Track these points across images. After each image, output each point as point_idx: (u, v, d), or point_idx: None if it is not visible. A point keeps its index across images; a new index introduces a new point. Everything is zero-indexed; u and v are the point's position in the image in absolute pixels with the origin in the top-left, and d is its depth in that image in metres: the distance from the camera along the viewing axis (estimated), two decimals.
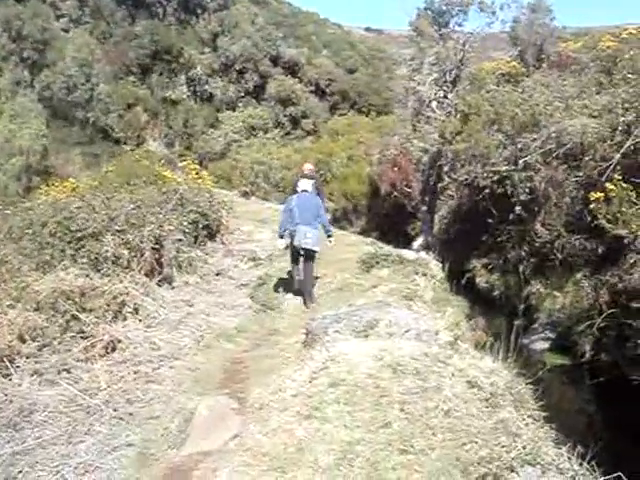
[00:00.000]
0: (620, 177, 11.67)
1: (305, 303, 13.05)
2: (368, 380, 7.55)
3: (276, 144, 45.62)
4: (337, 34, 77.05)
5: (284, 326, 12.08)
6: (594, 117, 14.81)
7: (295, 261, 13.26)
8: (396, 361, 7.94)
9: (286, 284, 14.17)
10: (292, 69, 61.34)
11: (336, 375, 7.80)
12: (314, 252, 12.82)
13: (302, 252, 12.81)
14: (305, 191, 13.22)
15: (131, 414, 8.41)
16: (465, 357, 8.55)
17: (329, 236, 13.24)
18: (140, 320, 11.30)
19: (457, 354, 8.61)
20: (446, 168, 18.97)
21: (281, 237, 13.04)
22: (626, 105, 13.47)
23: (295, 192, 13.58)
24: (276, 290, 14.01)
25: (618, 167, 12.43)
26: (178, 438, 7.80)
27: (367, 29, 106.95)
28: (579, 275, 13.83)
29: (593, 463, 6.00)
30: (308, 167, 15.32)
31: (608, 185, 11.60)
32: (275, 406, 7.61)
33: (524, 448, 6.00)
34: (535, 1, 26.24)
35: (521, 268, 16.21)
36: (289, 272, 14.16)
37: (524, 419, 7.12)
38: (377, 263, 14.87)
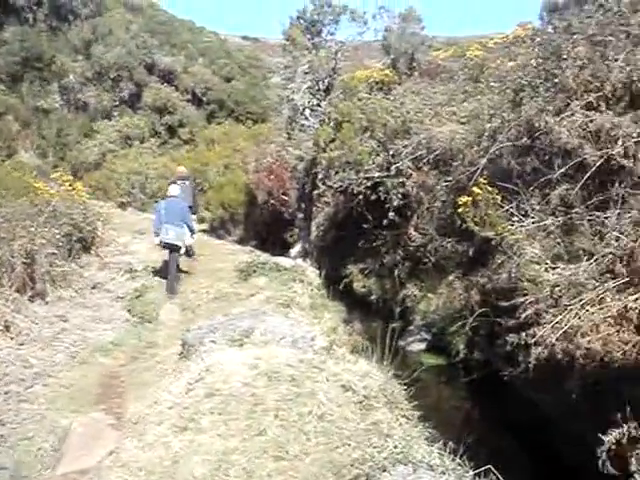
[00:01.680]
0: (486, 181, 12.10)
1: (170, 290, 14.40)
2: (243, 389, 7.57)
3: (153, 154, 44.96)
4: (213, 42, 76.21)
5: (162, 338, 12.02)
6: (462, 124, 15.32)
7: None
8: (271, 369, 7.99)
9: (163, 295, 14.10)
10: (168, 77, 60.35)
11: (211, 385, 7.79)
12: (176, 246, 14.56)
13: (167, 246, 14.58)
14: (173, 196, 15.05)
15: (2, 436, 8.12)
16: (340, 362, 8.67)
17: (192, 233, 15.38)
18: (11, 338, 11.01)
19: (332, 359, 8.73)
20: (321, 175, 19.13)
21: (156, 235, 14.75)
22: (491, 112, 13.91)
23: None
24: (153, 302, 13.86)
25: (484, 171, 12.83)
26: (52, 458, 7.61)
27: (244, 37, 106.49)
28: (451, 277, 14.15)
29: (465, 458, 6.16)
30: (181, 169, 18.10)
31: (475, 189, 12.00)
32: (151, 419, 7.53)
33: (395, 448, 6.12)
34: (406, 11, 26.83)
35: (396, 272, 16.59)
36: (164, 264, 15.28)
37: (397, 419, 7.29)
38: (254, 272, 14.94)
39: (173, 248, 14.62)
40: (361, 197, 16.86)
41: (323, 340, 10.30)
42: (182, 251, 15.00)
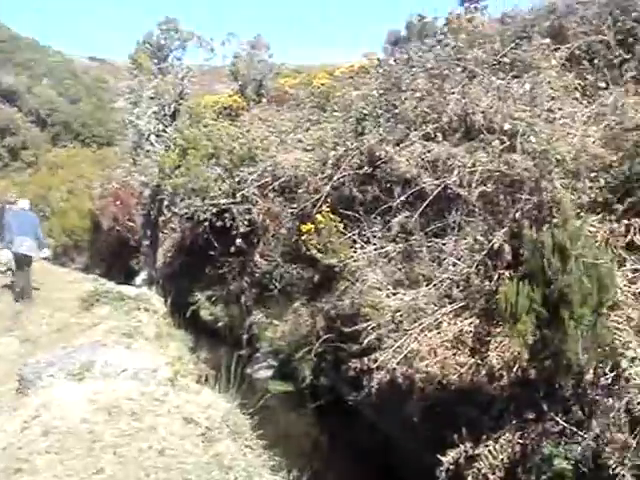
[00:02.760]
0: (329, 209, 12.33)
1: (22, 298, 14.64)
2: (82, 425, 7.28)
3: None
4: (59, 62, 74.28)
5: None
6: (307, 151, 15.61)
7: (18, 267, 14.78)
8: (111, 403, 7.74)
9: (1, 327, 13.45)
10: (10, 98, 58.27)
11: (48, 422, 7.43)
12: (30, 257, 14.74)
13: (20, 257, 14.61)
14: (23, 209, 15.26)
15: None
16: (183, 393, 8.51)
17: (45, 247, 15.75)
18: None
19: (175, 391, 8.56)
20: (166, 202, 18.95)
21: (8, 248, 14.99)
22: (335, 140, 14.28)
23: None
24: None
25: (328, 199, 13.09)
26: None
27: (91, 58, 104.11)
28: (297, 303, 14.29)
29: None
30: (11, 194, 18.76)
31: (317, 216, 12.21)
32: None
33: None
34: (254, 38, 27.00)
35: (243, 299, 16.63)
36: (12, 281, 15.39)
37: (241, 450, 7.22)
38: (97, 301, 14.52)
39: (27, 259, 14.73)
40: (207, 224, 16.82)
41: (167, 371, 10.08)
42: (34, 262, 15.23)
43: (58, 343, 11.68)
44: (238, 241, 16.24)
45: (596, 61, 11.87)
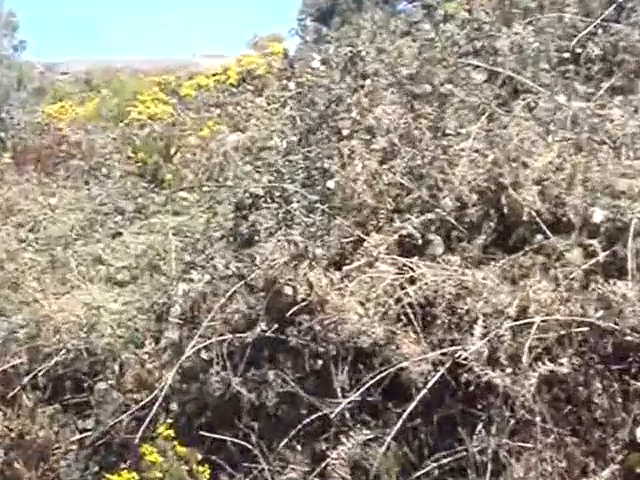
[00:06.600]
0: (172, 429, 8.28)
1: None
2: None
3: None
4: None
5: None
6: (121, 286, 11.27)
7: None
8: None
9: None
10: None
11: None
12: None
13: None
14: None
15: None
16: None
17: None
18: None
19: None
20: None
21: None
22: (187, 257, 10.12)
23: None
24: None
25: (171, 405, 8.91)
26: None
27: None
28: None
29: None
30: None
31: (144, 450, 8.08)
32: None
33: None
34: None
35: None
36: None
37: None
38: None
39: None
40: None
41: None
42: None
43: None
44: None
45: None
